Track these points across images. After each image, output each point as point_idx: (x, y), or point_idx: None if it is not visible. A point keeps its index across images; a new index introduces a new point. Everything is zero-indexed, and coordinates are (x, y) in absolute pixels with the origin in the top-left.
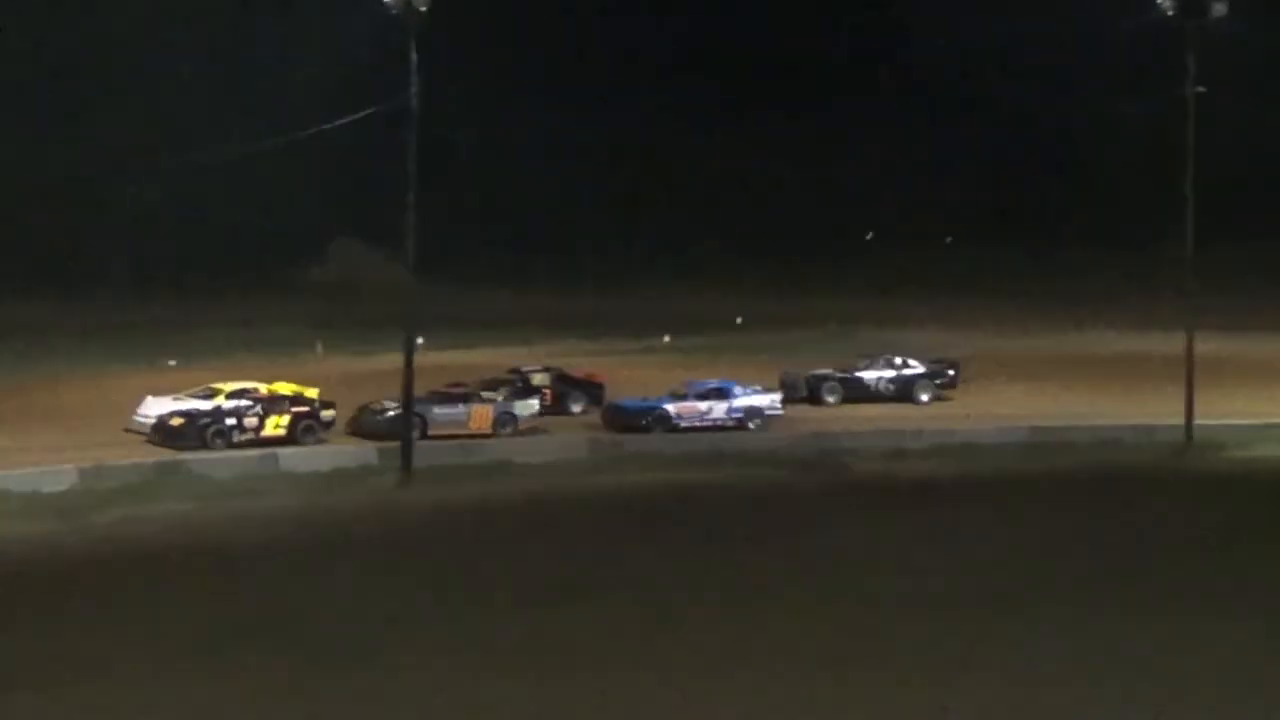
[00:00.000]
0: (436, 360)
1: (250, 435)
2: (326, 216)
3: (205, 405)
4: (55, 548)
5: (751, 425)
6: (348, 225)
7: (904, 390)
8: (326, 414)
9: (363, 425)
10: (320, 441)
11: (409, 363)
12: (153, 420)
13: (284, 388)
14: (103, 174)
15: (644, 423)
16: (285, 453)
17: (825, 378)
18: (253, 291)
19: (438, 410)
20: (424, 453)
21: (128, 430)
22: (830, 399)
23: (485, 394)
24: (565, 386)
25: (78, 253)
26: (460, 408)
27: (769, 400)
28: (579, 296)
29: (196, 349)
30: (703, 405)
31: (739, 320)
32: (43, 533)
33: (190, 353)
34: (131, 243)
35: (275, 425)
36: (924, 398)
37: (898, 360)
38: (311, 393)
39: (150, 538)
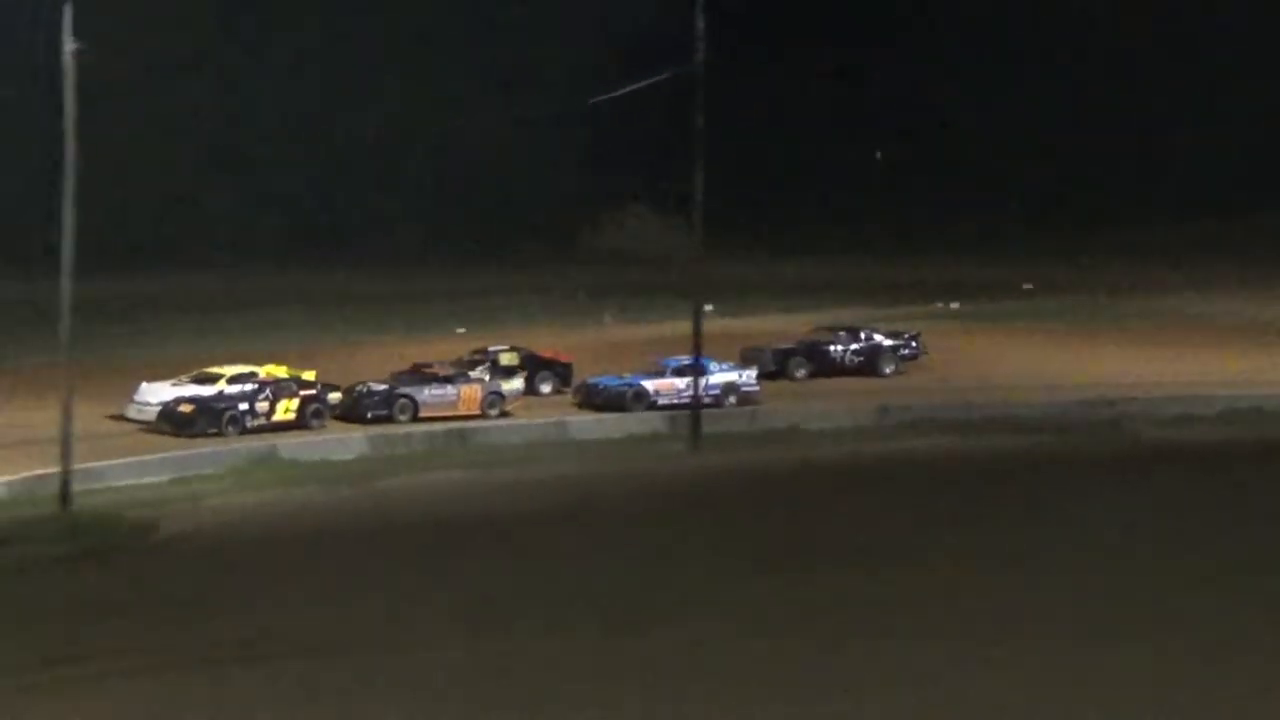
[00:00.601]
0: (724, 327)
1: (262, 420)
2: (615, 183)
3: (213, 390)
4: (342, 512)
5: (729, 402)
6: (636, 191)
7: (869, 362)
8: (332, 397)
9: (351, 407)
10: (323, 427)
11: (697, 330)
12: (153, 407)
13: (280, 370)
14: (394, 141)
15: (622, 401)
16: (574, 420)
17: (791, 351)
18: (541, 258)
19: (428, 392)
20: (710, 420)
21: (123, 418)
22: (799, 373)
23: (473, 374)
24: (533, 366)
25: (368, 221)
26: (450, 389)
27: (745, 376)
28: (867, 262)
29: (485, 317)
30: (680, 382)
31: (1027, 286)
32: (332, 498)
33: (479, 320)
34: (422, 210)
35: (285, 410)
36: (888, 369)
37: (862, 332)
38: (309, 375)
39: (437, 504)
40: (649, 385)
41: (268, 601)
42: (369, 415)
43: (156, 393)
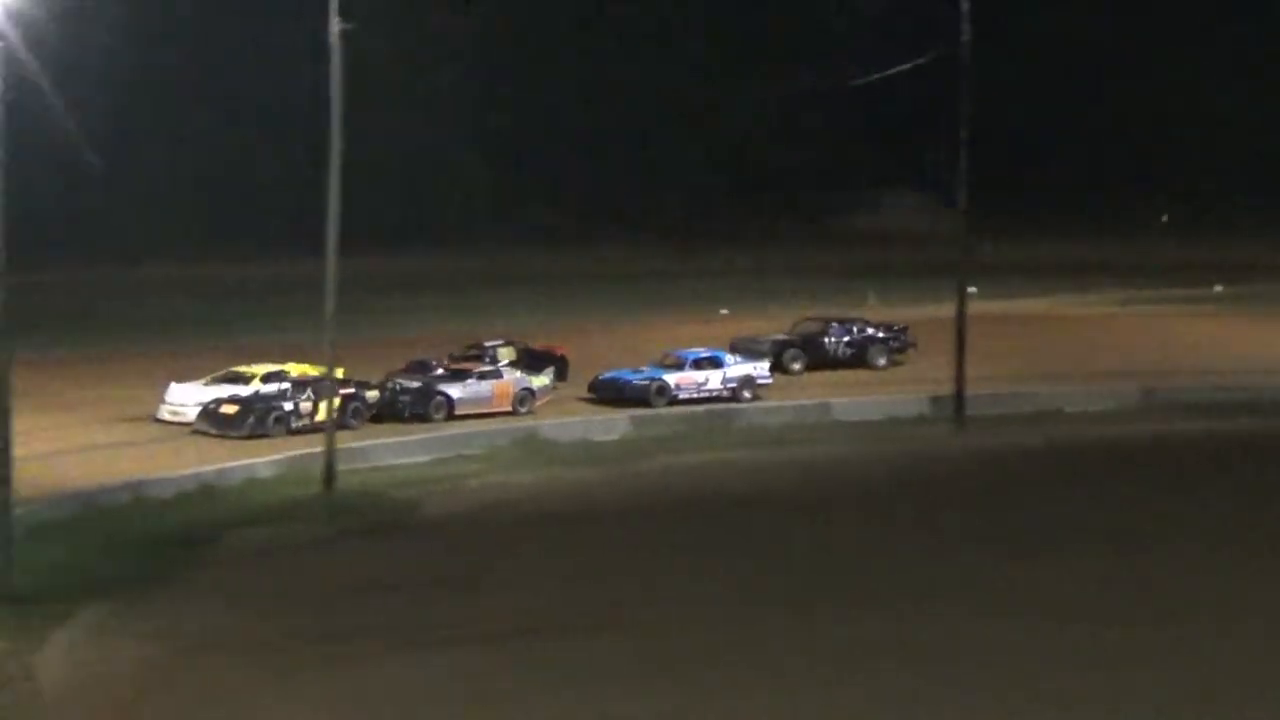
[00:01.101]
0: (987, 309)
1: (306, 421)
2: (878, 164)
3: (259, 390)
4: (603, 493)
5: (746, 395)
6: (899, 173)
7: (859, 354)
8: (370, 395)
9: (387, 405)
10: (361, 426)
11: (961, 312)
12: (186, 408)
13: (310, 369)
14: (657, 120)
15: (646, 395)
16: (839, 401)
17: (788, 343)
18: (803, 239)
19: (463, 388)
20: (972, 401)
21: (158, 420)
22: (795, 365)
23: (505, 368)
24: (530, 360)
25: (632, 200)
26: (484, 385)
27: (759, 369)
28: (1131, 245)
29: (748, 297)
30: (699, 375)
31: None
32: (593, 479)
33: (743, 301)
34: (684, 190)
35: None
36: (880, 361)
37: (853, 324)
38: (340, 373)
39: (698, 484)
40: (670, 379)
41: (526, 581)
42: (406, 413)
43: (187, 394)
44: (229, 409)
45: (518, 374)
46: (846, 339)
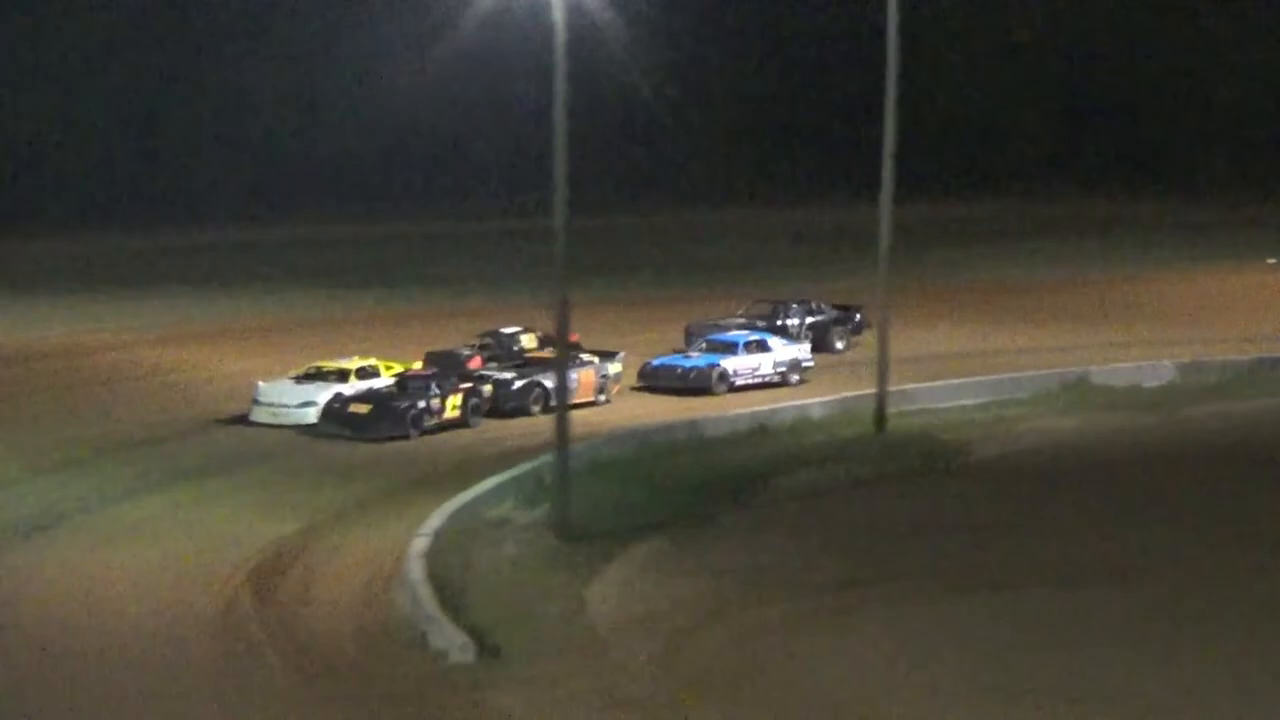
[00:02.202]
0: None
1: (435, 420)
2: None
3: (382, 386)
4: (1146, 439)
5: (794, 379)
6: None
7: (819, 337)
8: (486, 389)
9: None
10: (480, 424)
11: None
12: (290, 409)
13: (395, 364)
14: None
15: (708, 383)
16: None
17: (754, 328)
18: None
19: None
20: None
21: (250, 422)
22: None
23: (585, 357)
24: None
25: (1177, 151)
26: (573, 374)
27: (803, 350)
28: None
29: None
30: (753, 360)
31: None
32: (1138, 425)
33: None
34: (1233, 138)
35: (453, 406)
36: (839, 345)
37: (812, 305)
38: (404, 367)
39: (1241, 432)
40: (729, 365)
41: (1071, 527)
42: (508, 406)
43: (283, 392)
44: (360, 408)
45: (596, 361)
46: (809, 321)
